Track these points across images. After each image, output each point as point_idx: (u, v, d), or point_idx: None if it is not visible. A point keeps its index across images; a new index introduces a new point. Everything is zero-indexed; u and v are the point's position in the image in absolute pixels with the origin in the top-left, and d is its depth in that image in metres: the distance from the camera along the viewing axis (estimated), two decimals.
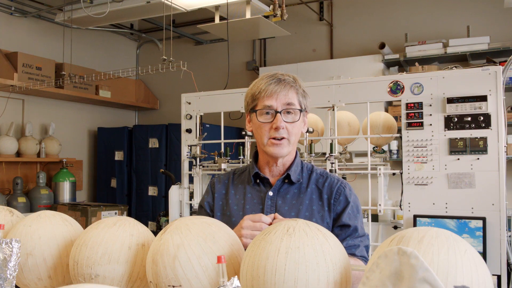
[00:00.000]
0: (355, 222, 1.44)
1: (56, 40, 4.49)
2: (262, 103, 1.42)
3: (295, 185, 1.49)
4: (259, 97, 1.42)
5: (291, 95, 1.42)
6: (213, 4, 3.30)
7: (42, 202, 4.28)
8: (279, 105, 1.40)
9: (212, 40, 5.55)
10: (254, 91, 1.45)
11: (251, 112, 1.46)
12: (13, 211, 1.30)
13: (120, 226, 1.04)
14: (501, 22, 4.14)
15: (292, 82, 1.44)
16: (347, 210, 1.44)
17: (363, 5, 4.77)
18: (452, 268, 0.72)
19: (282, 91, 1.40)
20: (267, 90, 1.41)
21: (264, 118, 1.42)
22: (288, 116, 1.41)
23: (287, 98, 1.41)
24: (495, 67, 2.37)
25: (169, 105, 5.75)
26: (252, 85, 1.47)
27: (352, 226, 1.43)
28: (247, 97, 1.48)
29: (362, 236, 1.44)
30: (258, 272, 0.83)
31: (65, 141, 4.80)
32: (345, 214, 1.44)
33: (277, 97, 1.40)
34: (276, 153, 1.42)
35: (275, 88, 1.40)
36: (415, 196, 2.47)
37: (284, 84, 1.41)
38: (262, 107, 1.41)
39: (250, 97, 1.46)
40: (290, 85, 1.42)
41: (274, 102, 1.40)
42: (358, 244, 1.42)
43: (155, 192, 4.83)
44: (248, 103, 1.47)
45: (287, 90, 1.41)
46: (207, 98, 3.13)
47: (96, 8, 3.46)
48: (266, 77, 1.44)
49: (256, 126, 1.45)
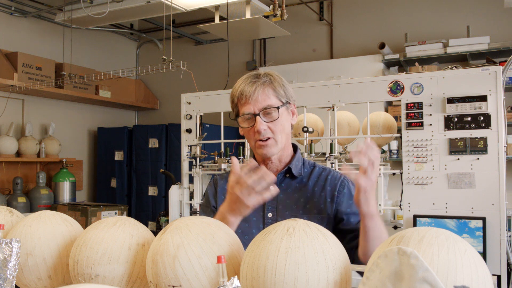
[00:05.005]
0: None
1: (56, 40, 4.49)
2: (241, 109, 1.44)
3: (297, 180, 1.51)
4: (238, 103, 1.45)
5: (266, 94, 1.41)
6: (213, 4, 3.30)
7: (42, 202, 4.28)
8: (256, 108, 1.41)
9: (212, 40, 5.55)
10: (232, 98, 1.47)
11: (236, 118, 1.49)
12: (13, 211, 1.30)
13: (120, 226, 1.04)
14: (501, 22, 4.14)
15: (265, 79, 1.43)
16: (352, 198, 1.44)
17: (363, 5, 4.77)
18: (452, 268, 0.72)
19: (255, 93, 1.40)
20: (242, 96, 1.42)
21: (247, 123, 1.44)
22: (268, 116, 1.42)
23: (262, 99, 1.41)
24: (495, 67, 2.36)
25: (169, 105, 5.75)
26: (231, 91, 1.49)
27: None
28: (230, 104, 1.51)
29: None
30: (258, 272, 0.83)
31: (65, 141, 4.80)
32: (352, 202, 1.43)
33: (252, 101, 1.41)
34: (265, 153, 1.44)
35: (248, 92, 1.40)
36: (415, 196, 2.47)
37: (257, 85, 1.41)
38: (241, 113, 1.44)
39: (231, 104, 1.49)
40: (263, 84, 1.42)
41: (250, 107, 1.41)
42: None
43: (155, 192, 4.83)
44: (232, 110, 1.51)
45: (261, 90, 1.41)
46: (207, 98, 3.13)
47: (96, 8, 3.46)
48: (241, 80, 1.46)
49: (243, 131, 1.48)
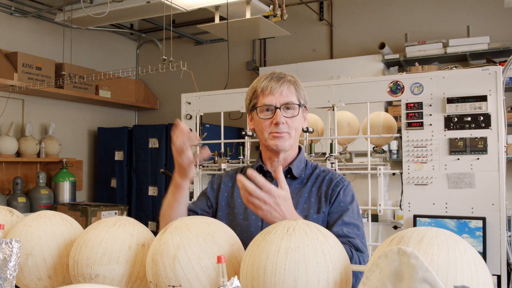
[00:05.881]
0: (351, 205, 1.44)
1: (56, 40, 4.49)
2: (262, 100, 1.46)
3: (297, 180, 1.52)
4: (259, 95, 1.47)
5: (290, 91, 1.45)
6: (213, 4, 3.30)
7: (42, 202, 4.28)
8: (278, 102, 1.43)
9: (212, 40, 5.54)
10: (253, 89, 1.49)
11: (252, 110, 1.50)
12: (13, 211, 1.30)
13: (120, 226, 1.04)
14: (501, 22, 4.14)
15: (290, 78, 1.48)
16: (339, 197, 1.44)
17: (363, 5, 4.77)
18: (452, 268, 0.72)
19: (280, 87, 1.44)
20: (267, 88, 1.45)
21: (264, 115, 1.45)
22: (288, 112, 1.45)
23: (286, 94, 1.44)
24: (495, 67, 2.36)
25: (169, 105, 5.75)
26: (252, 84, 1.52)
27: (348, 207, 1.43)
28: (248, 96, 1.52)
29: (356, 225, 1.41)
30: (258, 272, 0.83)
31: (65, 141, 4.80)
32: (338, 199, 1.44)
33: (276, 94, 1.44)
34: (277, 144, 1.44)
35: (274, 85, 1.44)
36: (415, 196, 2.47)
37: (283, 81, 1.45)
38: (262, 104, 1.45)
39: (251, 95, 1.50)
40: (289, 82, 1.46)
41: (273, 99, 1.43)
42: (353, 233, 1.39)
43: (155, 192, 4.82)
44: (249, 101, 1.52)
45: (286, 86, 1.45)
46: (207, 98, 3.13)
47: (96, 8, 3.46)
48: (265, 76, 1.49)
49: (257, 123, 1.48)
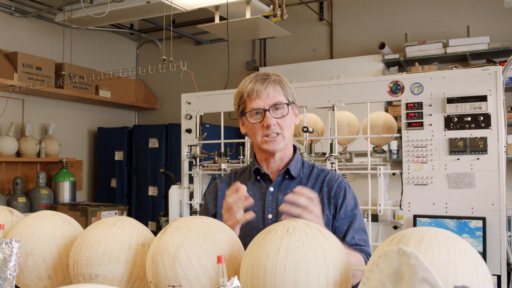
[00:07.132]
0: (357, 210, 1.50)
1: (56, 40, 4.49)
2: (250, 105, 1.45)
3: (296, 181, 1.52)
4: (246, 100, 1.46)
5: (276, 91, 1.44)
6: (213, 4, 3.30)
7: (42, 202, 4.28)
8: (266, 104, 1.43)
9: (212, 40, 5.54)
10: (240, 94, 1.48)
11: (242, 115, 1.49)
12: (13, 211, 1.30)
13: (120, 226, 1.04)
14: (501, 22, 4.14)
15: (275, 77, 1.47)
16: (346, 201, 1.48)
17: (363, 5, 4.77)
18: (452, 268, 0.72)
19: (266, 89, 1.43)
20: (252, 91, 1.44)
21: (254, 119, 1.45)
22: (277, 112, 1.44)
23: (273, 95, 1.44)
24: (495, 67, 2.36)
25: (169, 105, 5.75)
26: (238, 89, 1.50)
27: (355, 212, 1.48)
28: (235, 101, 1.51)
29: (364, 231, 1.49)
30: (258, 272, 0.83)
31: (65, 141, 4.80)
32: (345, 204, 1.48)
33: (263, 97, 1.43)
34: (272, 149, 1.45)
35: (260, 87, 1.43)
36: (415, 196, 2.47)
37: (268, 82, 1.44)
38: (250, 109, 1.45)
39: (238, 101, 1.49)
40: (274, 82, 1.45)
41: (260, 102, 1.43)
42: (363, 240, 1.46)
43: (155, 192, 4.82)
44: (237, 106, 1.51)
45: (272, 87, 1.44)
46: (207, 98, 3.13)
47: (96, 8, 3.46)
48: (250, 79, 1.47)
49: (249, 128, 1.48)
